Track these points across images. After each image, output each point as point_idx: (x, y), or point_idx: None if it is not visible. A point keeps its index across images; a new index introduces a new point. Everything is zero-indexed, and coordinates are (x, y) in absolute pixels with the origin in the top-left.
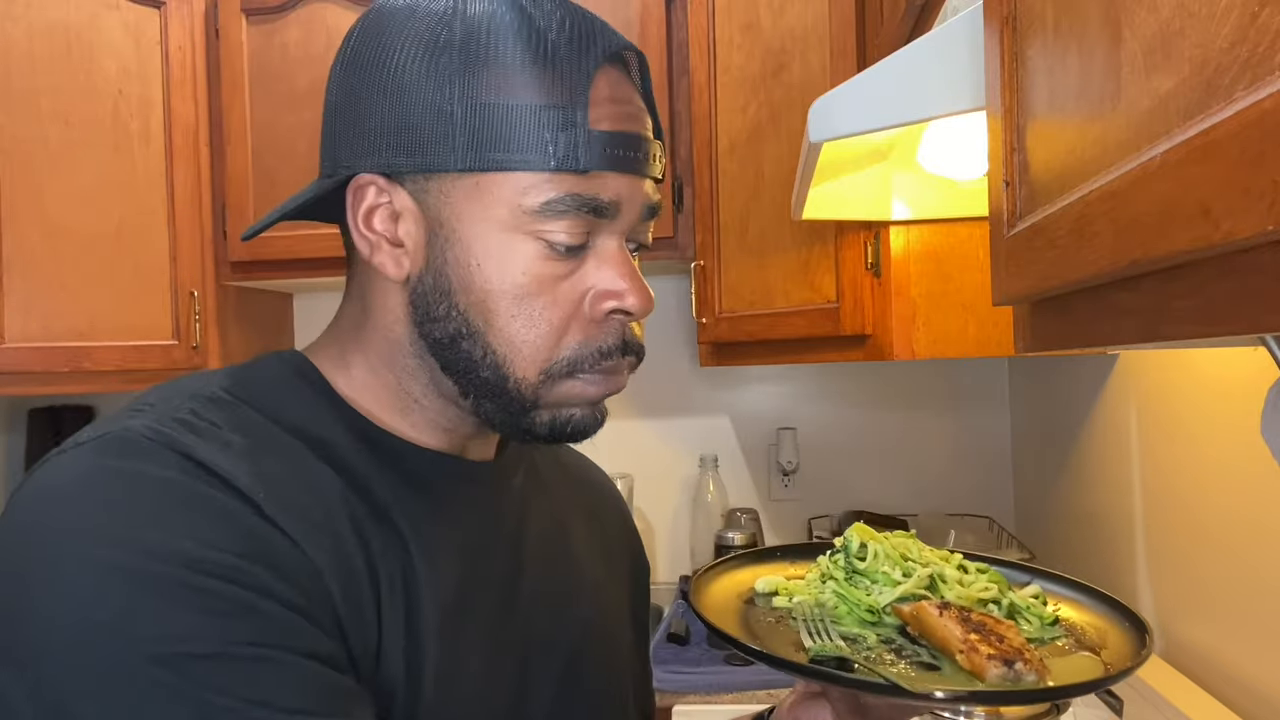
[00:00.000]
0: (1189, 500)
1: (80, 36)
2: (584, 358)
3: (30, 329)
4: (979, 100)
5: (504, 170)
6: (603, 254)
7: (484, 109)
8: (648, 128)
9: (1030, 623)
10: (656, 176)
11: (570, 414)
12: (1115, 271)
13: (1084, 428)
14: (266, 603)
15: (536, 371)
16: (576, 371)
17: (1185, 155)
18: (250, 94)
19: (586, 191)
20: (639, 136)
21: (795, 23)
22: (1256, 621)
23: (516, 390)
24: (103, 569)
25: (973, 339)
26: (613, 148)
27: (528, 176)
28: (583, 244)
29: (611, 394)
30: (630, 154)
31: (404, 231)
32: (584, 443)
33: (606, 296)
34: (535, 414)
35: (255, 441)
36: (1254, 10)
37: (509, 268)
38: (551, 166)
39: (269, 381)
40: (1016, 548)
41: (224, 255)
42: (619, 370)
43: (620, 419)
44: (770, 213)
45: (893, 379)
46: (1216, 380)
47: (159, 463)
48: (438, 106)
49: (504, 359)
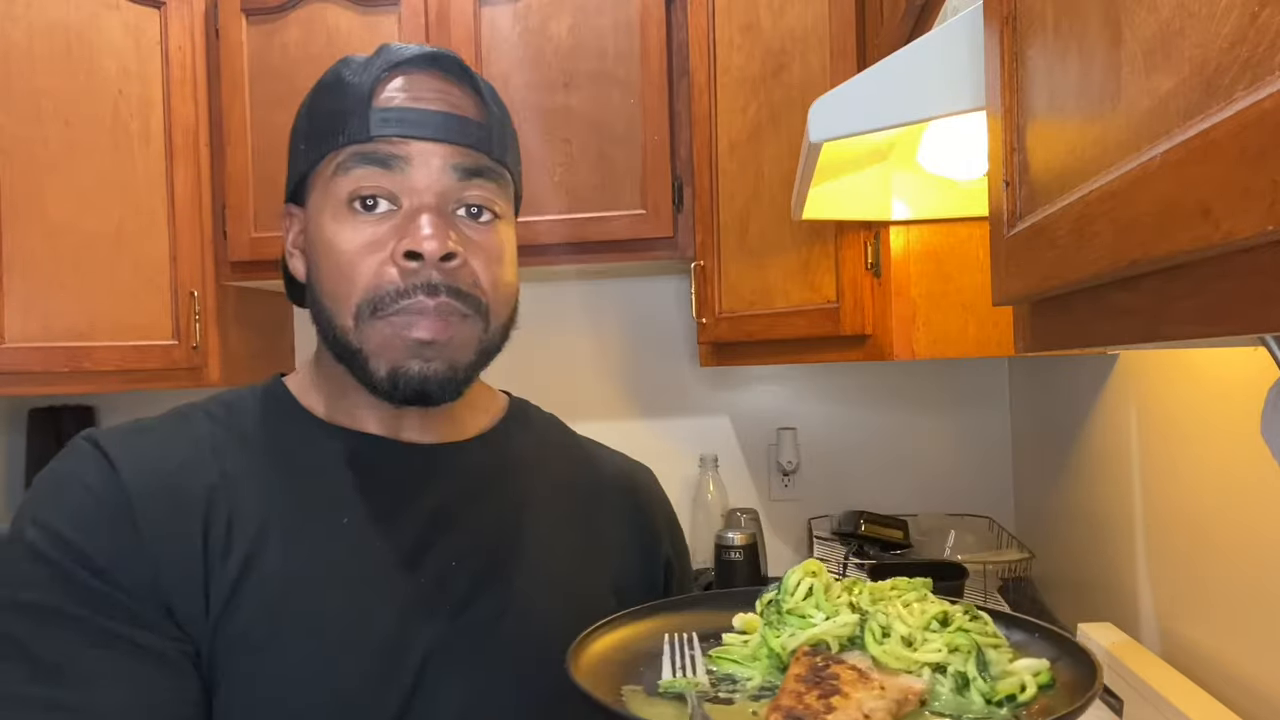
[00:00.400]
0: (1189, 500)
1: (80, 36)
2: (381, 297)
3: (30, 329)
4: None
5: (323, 158)
6: (408, 212)
7: (312, 123)
8: (452, 106)
9: (974, 701)
10: (455, 141)
11: (404, 367)
12: (1115, 271)
13: (1084, 428)
14: (79, 571)
15: (349, 315)
16: (380, 312)
17: (1185, 155)
18: (250, 94)
19: (369, 149)
20: (425, 110)
21: (795, 23)
22: (1256, 622)
23: (345, 339)
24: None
25: (973, 339)
26: (395, 117)
27: (332, 156)
28: (380, 198)
29: (430, 339)
30: (413, 117)
31: (302, 238)
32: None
33: (402, 243)
34: (373, 365)
35: (165, 423)
36: (1254, 10)
37: (328, 232)
38: (342, 142)
39: (241, 390)
40: (1016, 548)
41: (224, 255)
42: (423, 311)
43: (620, 419)
44: (770, 213)
45: (893, 379)
46: (1216, 380)
47: (72, 458)
48: (295, 140)
49: (331, 311)
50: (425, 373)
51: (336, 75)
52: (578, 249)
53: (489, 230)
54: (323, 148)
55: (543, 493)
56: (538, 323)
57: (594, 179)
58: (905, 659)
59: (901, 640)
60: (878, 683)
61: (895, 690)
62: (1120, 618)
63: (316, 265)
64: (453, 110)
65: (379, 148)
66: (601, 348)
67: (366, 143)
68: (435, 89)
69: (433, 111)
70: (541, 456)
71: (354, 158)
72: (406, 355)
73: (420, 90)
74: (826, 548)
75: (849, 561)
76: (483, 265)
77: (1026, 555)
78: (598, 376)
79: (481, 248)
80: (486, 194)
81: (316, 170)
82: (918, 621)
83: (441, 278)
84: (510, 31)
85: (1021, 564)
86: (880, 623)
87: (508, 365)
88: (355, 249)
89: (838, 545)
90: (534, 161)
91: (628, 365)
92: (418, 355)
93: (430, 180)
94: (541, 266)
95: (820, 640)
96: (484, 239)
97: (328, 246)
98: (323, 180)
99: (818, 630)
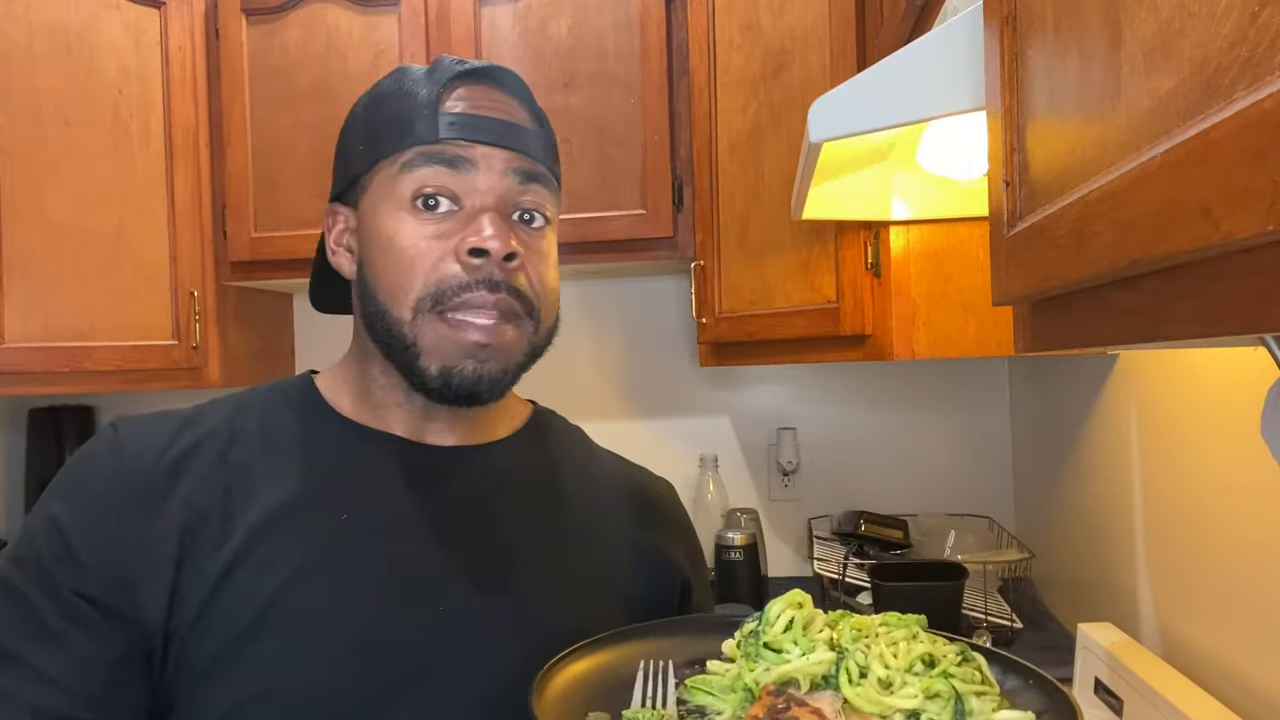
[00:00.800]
0: (1189, 500)
1: (80, 36)
2: (445, 291)
3: (30, 329)
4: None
5: (385, 158)
6: (470, 210)
7: (371, 127)
8: (510, 115)
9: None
10: (515, 148)
11: (458, 366)
12: (1115, 271)
13: (1084, 428)
14: (52, 546)
15: (408, 308)
16: (441, 308)
17: (1185, 155)
18: (250, 94)
19: (436, 150)
20: (489, 118)
21: (795, 23)
22: (1256, 622)
23: (400, 331)
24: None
25: (973, 339)
26: (461, 122)
27: (397, 155)
28: (443, 197)
29: (486, 342)
30: (478, 124)
31: (350, 237)
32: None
33: (467, 240)
34: (424, 361)
35: (185, 414)
36: (1254, 10)
37: (388, 228)
38: (409, 143)
39: (275, 383)
40: (1016, 548)
41: (224, 255)
42: (484, 306)
43: (620, 419)
44: (770, 213)
45: (893, 379)
46: (1216, 380)
47: (93, 440)
48: (350, 141)
49: (385, 303)
50: (480, 373)
51: (397, 83)
52: (577, 249)
53: (540, 235)
54: (385, 149)
55: (552, 503)
56: None
57: (594, 179)
58: (879, 703)
59: (879, 682)
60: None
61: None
62: (1120, 618)
63: (371, 261)
64: (512, 119)
65: (445, 149)
66: (601, 348)
67: (434, 144)
68: (495, 99)
69: (495, 119)
70: (557, 467)
71: (421, 157)
72: (461, 356)
73: (481, 100)
74: (826, 548)
75: (849, 561)
76: (535, 268)
77: (1026, 555)
78: (598, 376)
79: (535, 251)
80: (540, 199)
81: (376, 170)
82: (900, 663)
83: (503, 275)
84: (510, 31)
85: (1021, 564)
86: (859, 661)
87: None
88: (418, 244)
89: (838, 545)
90: None
91: (628, 365)
92: (473, 356)
93: (493, 182)
94: None
95: (791, 678)
96: (536, 243)
97: (388, 242)
98: (384, 179)
99: (789, 668)
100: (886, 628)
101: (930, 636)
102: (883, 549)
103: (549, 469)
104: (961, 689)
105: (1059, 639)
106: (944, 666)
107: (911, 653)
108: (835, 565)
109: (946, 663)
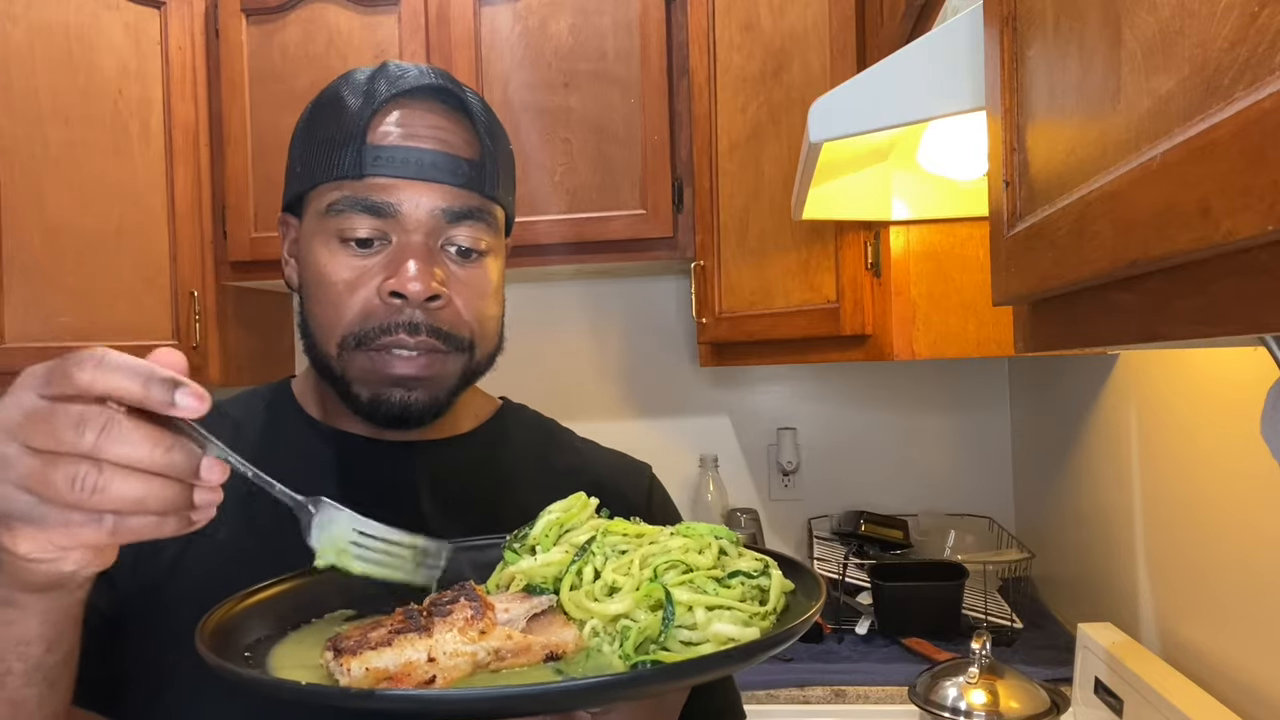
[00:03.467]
0: (1189, 500)
1: (80, 36)
2: (367, 332)
3: (30, 329)
4: (979, 100)
5: (319, 184)
6: (396, 249)
7: (308, 146)
8: (444, 143)
9: (614, 663)
10: (446, 182)
11: (385, 394)
12: (1115, 271)
13: (1084, 428)
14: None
15: (334, 344)
16: (365, 347)
17: (1185, 155)
18: (250, 94)
19: (362, 193)
20: (418, 150)
21: (795, 23)
22: (1256, 622)
23: (329, 364)
24: None
25: (973, 339)
26: (387, 157)
27: (326, 187)
28: (372, 239)
29: (408, 375)
30: (405, 157)
31: (295, 249)
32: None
33: (388, 282)
34: (355, 390)
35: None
36: (1254, 10)
37: (319, 261)
38: (336, 175)
39: (259, 387)
40: (1016, 548)
41: (224, 255)
42: (403, 347)
43: (620, 419)
44: (770, 213)
45: (893, 379)
46: (1216, 380)
47: None
48: (294, 155)
49: (316, 334)
50: (407, 400)
51: (336, 94)
52: (578, 249)
53: (476, 268)
54: (317, 175)
55: (515, 493)
56: (538, 323)
57: (594, 179)
58: (583, 609)
59: (605, 588)
60: (479, 628)
61: (501, 639)
62: (1120, 618)
63: (306, 289)
64: (445, 149)
65: (371, 188)
66: (601, 348)
67: (358, 180)
68: (430, 125)
69: (426, 150)
70: (522, 457)
71: (345, 200)
72: (388, 385)
73: (416, 126)
74: (826, 548)
75: (849, 561)
76: (467, 303)
77: (1026, 555)
78: (598, 376)
79: (468, 286)
80: (475, 233)
81: (311, 193)
82: (644, 571)
83: (424, 317)
84: (510, 31)
85: (1021, 564)
86: (596, 566)
87: (509, 365)
88: (343, 282)
89: (838, 545)
90: (534, 161)
91: (628, 365)
92: (400, 386)
93: (419, 221)
94: (541, 266)
95: (528, 579)
96: (471, 276)
97: (318, 276)
98: (316, 209)
99: (514, 568)
100: (679, 536)
101: (711, 547)
102: (883, 549)
103: (514, 460)
104: (692, 599)
105: (1059, 639)
106: (682, 579)
107: (654, 561)
108: (835, 565)
109: (690, 576)
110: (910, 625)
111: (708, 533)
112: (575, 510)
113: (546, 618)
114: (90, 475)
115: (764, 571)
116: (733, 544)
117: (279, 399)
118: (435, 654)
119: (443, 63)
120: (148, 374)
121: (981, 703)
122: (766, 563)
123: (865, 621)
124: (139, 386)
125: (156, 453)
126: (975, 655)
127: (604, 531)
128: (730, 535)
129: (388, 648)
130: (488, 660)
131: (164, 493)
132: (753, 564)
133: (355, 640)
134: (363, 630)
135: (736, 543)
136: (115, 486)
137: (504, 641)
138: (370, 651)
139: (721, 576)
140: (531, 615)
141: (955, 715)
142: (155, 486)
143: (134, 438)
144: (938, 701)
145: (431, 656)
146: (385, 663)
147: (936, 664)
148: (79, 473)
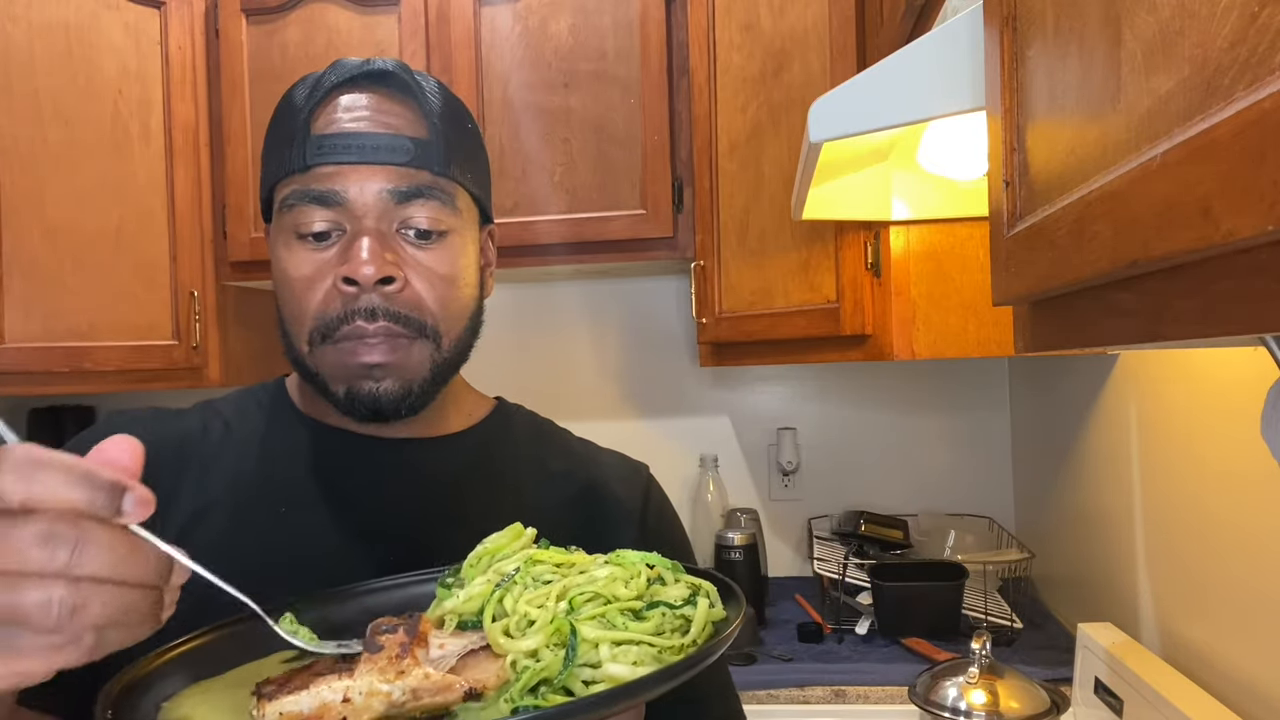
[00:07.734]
0: (1189, 500)
1: (80, 36)
2: (329, 324)
3: (30, 329)
4: (979, 100)
5: (276, 184)
6: (349, 237)
7: (267, 148)
8: (389, 125)
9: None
10: (391, 162)
11: (357, 387)
12: (1115, 271)
13: (1084, 428)
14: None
15: (304, 341)
16: (330, 340)
17: (1185, 155)
18: (250, 94)
19: (309, 184)
20: (360, 134)
21: (795, 23)
22: (1256, 621)
23: (304, 362)
24: None
25: (973, 339)
26: (330, 145)
27: (281, 185)
28: (328, 231)
29: (373, 363)
30: (346, 143)
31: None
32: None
33: (340, 269)
34: (332, 386)
35: (169, 412)
36: (1254, 10)
37: (282, 261)
38: (285, 172)
39: (256, 385)
40: (1016, 548)
41: (224, 255)
42: (363, 336)
43: (620, 419)
44: (770, 213)
45: (893, 379)
46: (1216, 380)
47: (92, 431)
48: (262, 155)
49: (289, 333)
50: (376, 392)
51: (290, 95)
52: (578, 249)
53: (437, 249)
54: (273, 176)
55: (510, 492)
56: (538, 323)
57: (594, 179)
58: (499, 645)
59: (525, 620)
60: (398, 668)
61: (419, 679)
62: (1120, 618)
63: (276, 290)
64: (389, 130)
65: (316, 179)
66: (601, 348)
67: (304, 173)
68: (373, 109)
69: (368, 133)
70: (517, 457)
71: (295, 194)
72: (358, 376)
73: (358, 111)
74: (826, 548)
75: (849, 561)
76: (427, 286)
77: (1026, 555)
78: (598, 376)
79: (426, 268)
80: (430, 213)
81: (273, 194)
82: (554, 605)
83: (381, 301)
84: (510, 31)
85: (1021, 564)
86: (514, 599)
87: (508, 365)
88: (303, 278)
89: (838, 545)
90: (534, 161)
91: (628, 365)
92: (368, 376)
93: (367, 206)
94: (541, 266)
95: (458, 615)
96: (431, 258)
97: (281, 275)
98: (276, 209)
99: (447, 605)
100: (610, 565)
101: (640, 576)
102: (883, 549)
103: (505, 459)
104: (598, 635)
105: (1059, 639)
106: (594, 612)
107: (572, 593)
108: (835, 565)
109: (611, 608)
110: (910, 625)
111: (639, 560)
112: (506, 541)
113: (484, 653)
114: (68, 596)
115: (690, 600)
116: (669, 570)
117: (272, 397)
118: (351, 695)
119: (443, 63)
120: (91, 481)
121: (981, 703)
122: (695, 590)
123: (865, 621)
124: (82, 496)
125: (135, 563)
126: (975, 655)
127: (531, 561)
128: (665, 563)
129: (304, 691)
130: (404, 700)
131: (143, 603)
132: (680, 593)
133: (277, 684)
134: (291, 673)
135: (674, 569)
136: (95, 605)
137: (421, 681)
138: (287, 696)
139: (640, 609)
140: (468, 651)
141: (955, 715)
142: (135, 597)
143: (112, 555)
144: (938, 701)
145: (347, 697)
146: (301, 706)
147: (936, 664)
148: (54, 596)
